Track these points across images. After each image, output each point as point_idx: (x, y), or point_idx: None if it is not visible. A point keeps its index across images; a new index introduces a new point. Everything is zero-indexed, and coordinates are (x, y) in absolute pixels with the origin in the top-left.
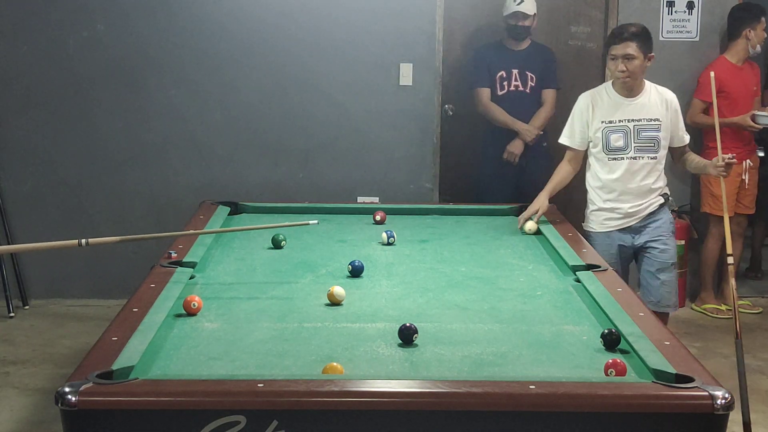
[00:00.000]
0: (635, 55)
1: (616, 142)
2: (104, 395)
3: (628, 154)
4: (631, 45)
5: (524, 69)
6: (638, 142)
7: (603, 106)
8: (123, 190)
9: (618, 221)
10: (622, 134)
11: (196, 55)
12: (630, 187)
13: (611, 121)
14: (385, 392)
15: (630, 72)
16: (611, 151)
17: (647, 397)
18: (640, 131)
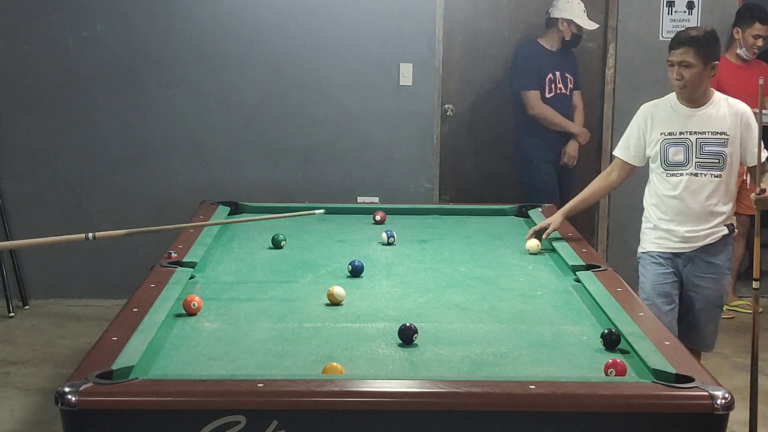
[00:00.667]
0: (692, 62)
1: (676, 156)
2: (104, 395)
3: (688, 169)
4: (689, 51)
5: (564, 71)
6: (701, 158)
7: (663, 116)
8: (123, 190)
9: (673, 244)
10: (682, 148)
11: (196, 55)
12: (689, 207)
13: (671, 133)
14: (385, 392)
15: (686, 81)
16: (670, 166)
17: (647, 397)
18: (703, 145)
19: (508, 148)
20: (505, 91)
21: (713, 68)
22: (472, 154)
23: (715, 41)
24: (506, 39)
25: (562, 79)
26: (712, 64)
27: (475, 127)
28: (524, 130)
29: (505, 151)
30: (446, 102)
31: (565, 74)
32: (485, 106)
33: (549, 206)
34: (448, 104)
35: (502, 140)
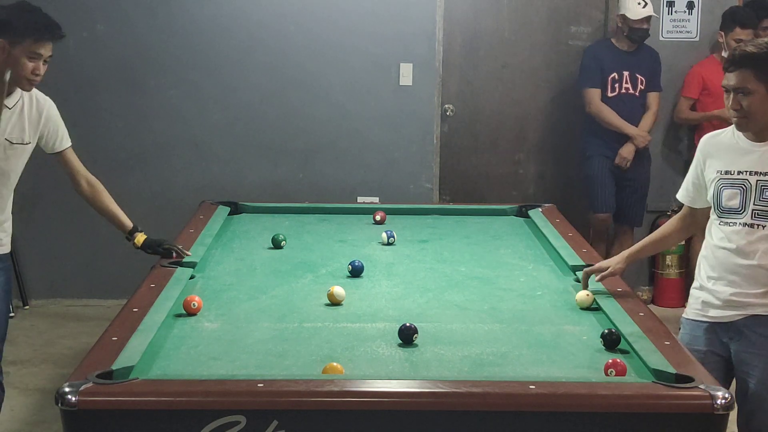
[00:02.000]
0: (753, 88)
1: (730, 200)
2: (104, 395)
3: (742, 218)
4: (747, 74)
5: (635, 71)
6: (760, 204)
7: (722, 150)
8: (123, 190)
9: (716, 311)
10: (738, 191)
11: (196, 56)
12: (739, 263)
13: (728, 172)
14: (385, 392)
15: (746, 111)
16: (724, 212)
17: (647, 397)
18: (764, 189)
19: (509, 148)
20: (504, 90)
21: None
22: (472, 154)
23: None
24: (506, 39)
25: (631, 79)
26: None
27: (475, 127)
28: (585, 128)
29: (505, 151)
30: (446, 102)
31: (636, 74)
32: (485, 106)
33: (549, 206)
34: (448, 104)
35: (502, 140)
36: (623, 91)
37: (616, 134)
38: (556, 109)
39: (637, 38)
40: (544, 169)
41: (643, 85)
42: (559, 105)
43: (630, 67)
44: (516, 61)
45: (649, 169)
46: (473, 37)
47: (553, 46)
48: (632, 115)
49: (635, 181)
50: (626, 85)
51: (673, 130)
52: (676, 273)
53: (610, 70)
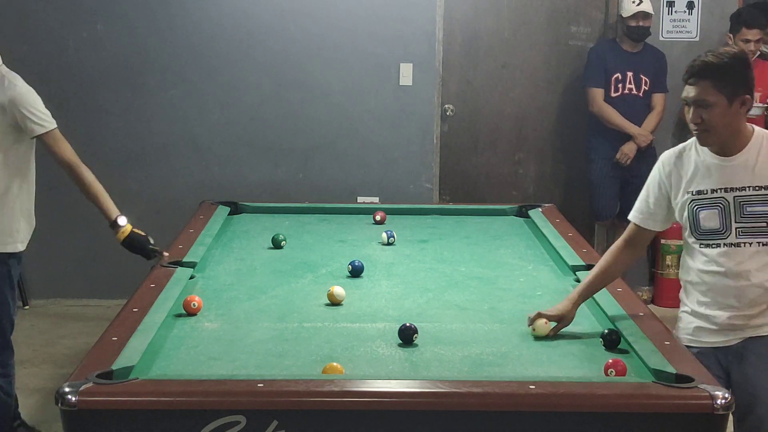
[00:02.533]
0: (712, 101)
1: (708, 221)
2: (104, 395)
3: (726, 238)
4: (706, 85)
5: (639, 72)
6: (742, 222)
7: (689, 169)
8: (123, 190)
9: (712, 336)
10: (717, 210)
11: (196, 56)
12: (731, 286)
13: (700, 192)
14: (385, 392)
15: (707, 124)
16: (703, 235)
17: (647, 397)
18: (744, 205)
19: (509, 148)
20: (504, 90)
21: (743, 103)
22: (472, 154)
23: (743, 67)
24: (506, 39)
25: (635, 79)
26: (742, 99)
27: (474, 127)
28: (589, 128)
29: (505, 151)
30: (446, 102)
31: (640, 75)
32: (485, 106)
33: (549, 206)
34: (448, 104)
35: (502, 140)
36: (626, 91)
37: (620, 134)
38: (556, 109)
39: (636, 36)
40: (544, 169)
41: (647, 86)
42: (559, 105)
43: (634, 68)
44: (516, 61)
45: None
46: (473, 37)
47: (553, 46)
48: (636, 116)
49: (639, 179)
50: (630, 86)
51: (679, 130)
52: (676, 273)
53: (614, 70)
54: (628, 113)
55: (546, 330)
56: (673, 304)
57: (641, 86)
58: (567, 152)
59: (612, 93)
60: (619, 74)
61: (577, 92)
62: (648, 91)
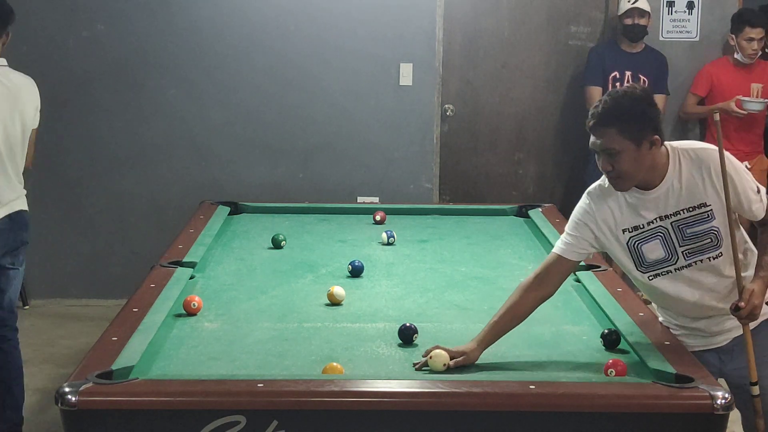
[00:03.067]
0: (619, 148)
1: (653, 253)
2: (104, 395)
3: (675, 263)
4: (609, 133)
5: (638, 72)
6: (686, 244)
7: (618, 208)
8: (123, 190)
9: (702, 340)
10: (658, 240)
11: (195, 55)
12: (696, 304)
13: (636, 227)
14: (385, 392)
15: (617, 172)
16: (650, 267)
17: (647, 397)
18: (683, 228)
19: (509, 148)
20: (504, 91)
21: (653, 143)
22: (472, 154)
23: (646, 106)
24: (506, 39)
25: (634, 79)
26: (651, 140)
27: (474, 127)
28: None
29: (505, 151)
30: (446, 102)
31: (639, 75)
32: (485, 106)
33: (549, 206)
34: (448, 104)
35: (502, 140)
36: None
37: None
38: (556, 109)
39: (632, 35)
40: (544, 169)
41: (646, 86)
42: (559, 105)
43: (633, 68)
44: (516, 61)
45: None
46: (473, 37)
47: (552, 46)
48: None
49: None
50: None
51: (679, 132)
52: None
53: (612, 69)
54: None
55: (441, 362)
56: None
57: None
58: (567, 152)
59: None
60: (617, 73)
61: (577, 92)
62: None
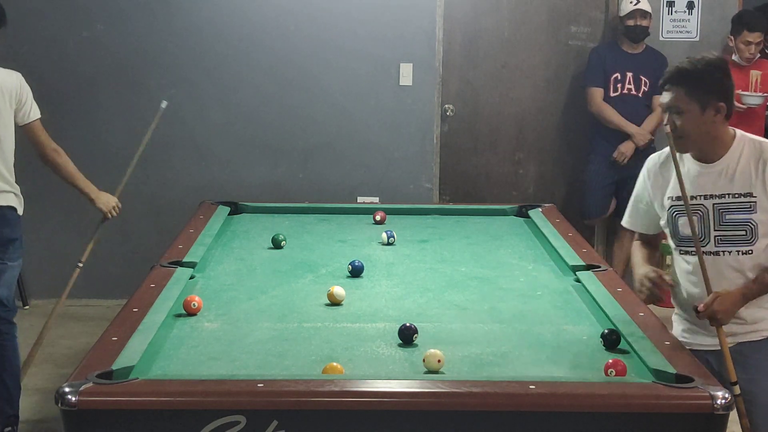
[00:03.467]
0: (684, 107)
1: (687, 228)
2: (104, 395)
3: (705, 246)
4: (678, 92)
5: (639, 73)
6: (721, 229)
7: (671, 174)
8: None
9: (705, 339)
10: (695, 217)
11: (196, 56)
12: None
13: (680, 198)
14: (385, 392)
15: (681, 131)
16: (681, 242)
17: (647, 397)
18: (723, 213)
19: (509, 148)
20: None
21: (718, 111)
22: (472, 154)
23: (719, 74)
24: (506, 39)
25: (635, 80)
26: (716, 106)
27: (475, 127)
28: (590, 127)
29: (505, 151)
30: (446, 102)
31: (640, 76)
32: (485, 106)
33: (549, 206)
34: (448, 104)
35: (502, 140)
36: (625, 91)
37: (620, 135)
38: (556, 109)
39: (634, 36)
40: (544, 169)
41: (647, 87)
42: (559, 105)
43: (634, 69)
44: (516, 61)
45: None
46: (473, 37)
47: (552, 46)
48: (634, 116)
49: (636, 180)
50: (629, 86)
51: None
52: None
53: (613, 70)
54: (627, 113)
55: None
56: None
57: (641, 87)
58: (567, 152)
59: (611, 93)
60: (618, 74)
61: (577, 92)
62: (648, 92)
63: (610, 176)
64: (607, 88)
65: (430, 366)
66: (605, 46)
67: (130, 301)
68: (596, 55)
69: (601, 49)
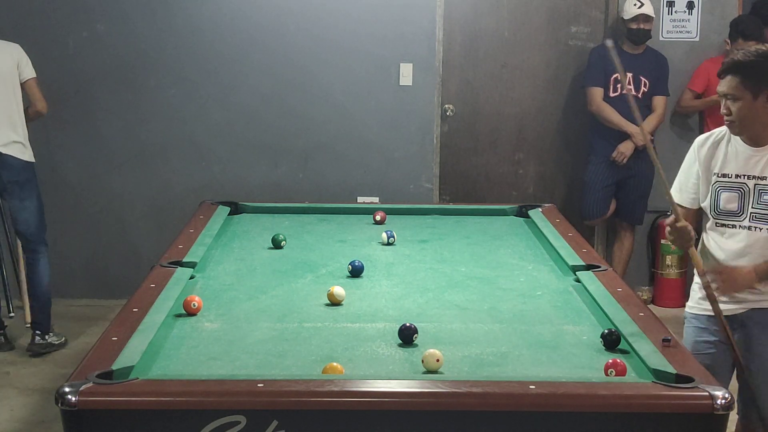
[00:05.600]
0: (738, 94)
1: (729, 203)
2: (104, 395)
3: (742, 221)
4: (734, 80)
5: (638, 74)
6: (758, 208)
7: (720, 153)
8: (123, 190)
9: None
10: (737, 194)
11: (196, 55)
12: (739, 264)
13: (725, 175)
14: (385, 392)
15: (734, 117)
16: (721, 214)
17: (647, 397)
18: (762, 193)
19: (509, 148)
20: (504, 90)
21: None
22: (472, 154)
23: None
24: (506, 39)
25: (635, 80)
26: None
27: (475, 127)
28: (591, 127)
29: (505, 151)
30: (446, 102)
31: (640, 77)
32: (485, 106)
33: (549, 206)
34: (448, 104)
35: (502, 140)
36: (625, 92)
37: (620, 135)
38: (556, 109)
39: (636, 39)
40: (544, 169)
41: (646, 88)
42: (559, 105)
43: (634, 69)
44: (516, 61)
45: (652, 168)
46: (473, 37)
47: (552, 46)
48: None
49: (637, 179)
50: (628, 86)
51: (677, 131)
52: (676, 273)
53: (613, 71)
54: (626, 114)
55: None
56: (673, 304)
57: (640, 88)
58: (567, 152)
59: (611, 93)
60: (619, 74)
61: (577, 92)
62: (647, 93)
63: (610, 176)
64: (606, 89)
65: (429, 366)
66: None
67: (130, 301)
68: (597, 55)
69: (602, 49)
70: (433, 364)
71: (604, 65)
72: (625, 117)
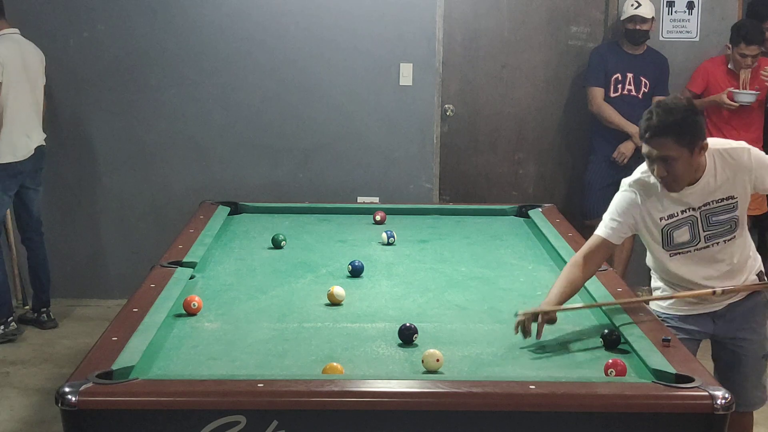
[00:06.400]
0: (675, 155)
1: (681, 237)
2: (104, 395)
3: (696, 245)
4: (667, 142)
5: (639, 74)
6: (710, 230)
7: (656, 198)
8: (123, 190)
9: (698, 305)
10: (687, 227)
11: (196, 56)
12: (704, 277)
13: (672, 215)
14: (385, 392)
15: (673, 176)
16: (675, 248)
17: (647, 397)
18: (710, 216)
19: (509, 148)
20: (504, 90)
21: (702, 148)
22: (472, 154)
23: (693, 115)
24: (506, 39)
25: (635, 81)
26: (701, 145)
27: (475, 127)
28: (591, 127)
29: (505, 151)
30: (446, 102)
31: (640, 77)
32: (485, 106)
33: (549, 206)
34: (448, 104)
35: (502, 140)
36: (625, 92)
37: (621, 136)
38: (556, 109)
39: (633, 39)
40: (544, 169)
41: (647, 88)
42: (559, 105)
43: (634, 70)
44: (516, 61)
45: None
46: (473, 37)
47: (552, 46)
48: (634, 117)
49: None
50: (629, 87)
51: None
52: None
53: (614, 71)
54: (627, 114)
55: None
56: None
57: (641, 88)
58: (567, 152)
59: (611, 93)
60: (619, 75)
61: (577, 92)
62: (648, 93)
63: (610, 176)
64: (607, 89)
65: (429, 366)
66: (606, 46)
67: (130, 301)
68: (597, 55)
69: (603, 49)
70: (433, 364)
71: (605, 65)
72: (626, 117)
